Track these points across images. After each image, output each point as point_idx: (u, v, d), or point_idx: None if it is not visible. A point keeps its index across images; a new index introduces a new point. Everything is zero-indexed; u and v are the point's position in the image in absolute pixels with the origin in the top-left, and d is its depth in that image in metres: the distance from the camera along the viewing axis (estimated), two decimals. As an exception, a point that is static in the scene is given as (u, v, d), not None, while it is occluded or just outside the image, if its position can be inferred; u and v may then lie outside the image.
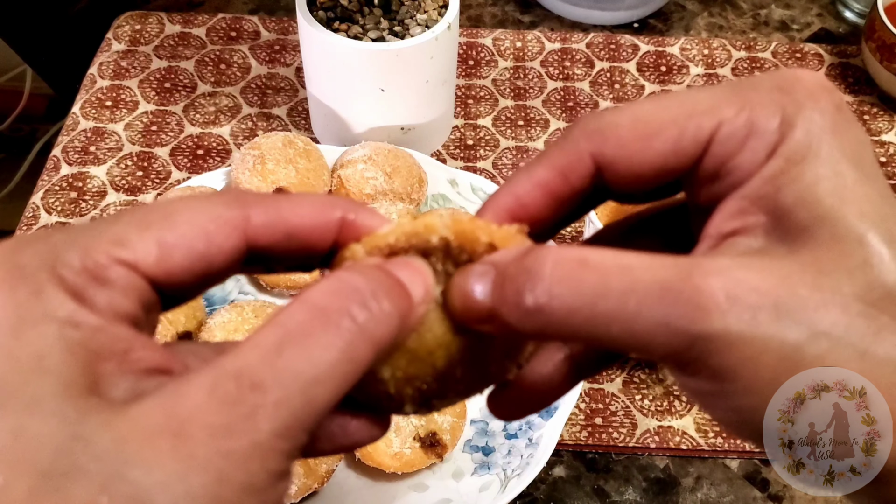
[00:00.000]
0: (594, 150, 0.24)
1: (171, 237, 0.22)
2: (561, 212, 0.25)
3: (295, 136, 0.67)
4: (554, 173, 0.25)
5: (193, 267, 0.22)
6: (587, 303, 0.21)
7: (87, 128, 0.78)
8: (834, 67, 0.87)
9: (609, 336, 0.21)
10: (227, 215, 0.23)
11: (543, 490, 0.59)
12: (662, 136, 0.23)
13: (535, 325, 0.21)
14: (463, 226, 0.24)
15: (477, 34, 0.88)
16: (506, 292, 0.22)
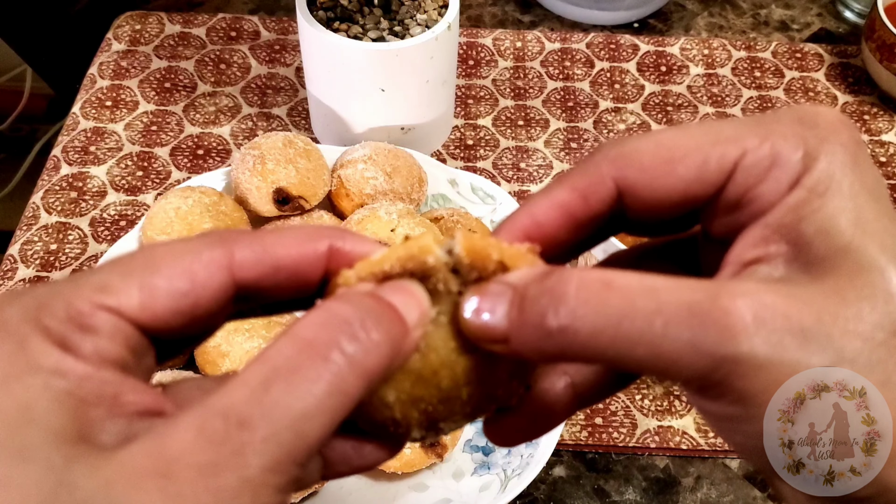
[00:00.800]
0: (617, 174, 0.24)
1: (154, 280, 0.22)
2: (576, 236, 0.25)
3: (295, 136, 0.67)
4: (574, 195, 0.24)
5: (179, 308, 0.22)
6: (612, 324, 0.21)
7: (87, 128, 0.78)
8: (834, 67, 0.87)
9: (633, 358, 0.21)
10: (211, 254, 0.23)
11: (543, 490, 0.59)
12: (686, 162, 0.23)
13: (557, 346, 0.21)
14: (475, 244, 0.23)
15: (477, 34, 0.88)
16: (526, 313, 0.22)
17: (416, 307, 0.23)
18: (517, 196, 0.75)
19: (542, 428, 0.27)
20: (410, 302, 0.23)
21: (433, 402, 0.24)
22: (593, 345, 0.21)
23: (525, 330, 0.22)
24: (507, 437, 0.27)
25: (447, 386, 0.24)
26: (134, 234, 0.64)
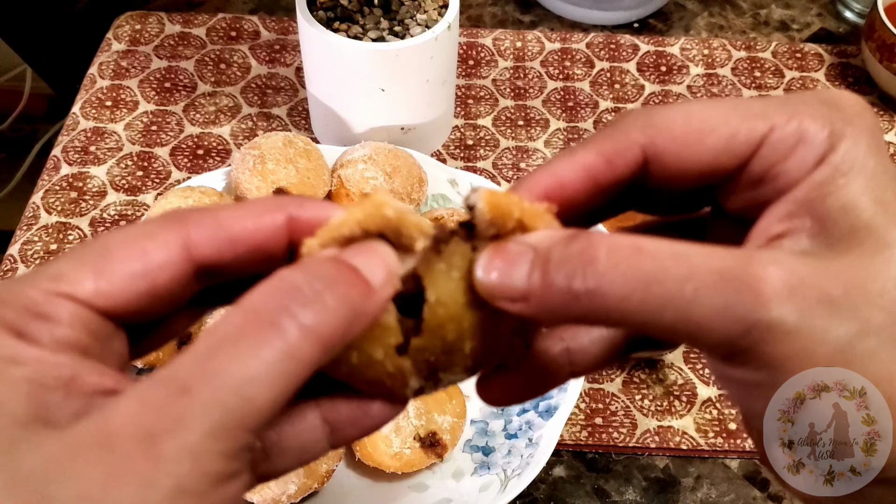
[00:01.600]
0: (646, 141, 0.24)
1: (108, 264, 0.22)
2: (594, 202, 0.25)
3: (295, 136, 0.67)
4: (600, 159, 0.24)
5: (136, 289, 0.23)
6: (641, 288, 0.21)
7: (87, 128, 0.78)
8: (834, 67, 0.87)
9: (661, 322, 0.21)
10: (165, 234, 0.23)
11: (543, 490, 0.59)
12: (716, 134, 0.23)
13: (582, 309, 0.21)
14: (498, 199, 0.23)
15: (477, 34, 0.88)
16: (550, 275, 0.22)
17: (380, 265, 0.23)
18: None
19: (533, 389, 0.27)
20: (372, 261, 0.23)
21: (436, 353, 0.24)
22: (621, 308, 0.21)
23: (549, 291, 0.22)
24: (498, 396, 0.27)
25: (452, 339, 0.24)
26: (134, 234, 0.64)
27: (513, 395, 0.27)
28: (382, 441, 0.55)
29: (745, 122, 0.23)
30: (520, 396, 0.27)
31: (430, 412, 0.55)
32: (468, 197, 0.24)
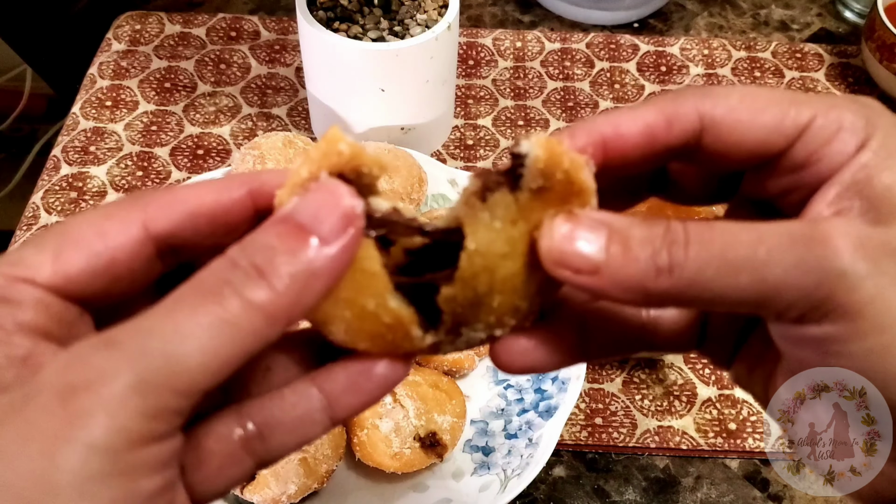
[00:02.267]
0: (705, 110, 0.25)
1: (65, 245, 0.23)
2: (644, 163, 0.25)
3: (295, 136, 0.67)
4: (661, 117, 0.25)
5: (95, 268, 0.23)
6: (716, 255, 0.22)
7: (87, 128, 0.78)
8: (834, 67, 0.87)
9: (737, 287, 0.22)
10: (122, 213, 0.23)
11: (543, 490, 0.59)
12: (769, 112, 0.24)
13: (659, 286, 0.22)
14: (553, 147, 0.23)
15: (477, 34, 0.88)
16: (634, 251, 0.23)
17: (332, 213, 0.22)
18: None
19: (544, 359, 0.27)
20: (322, 211, 0.22)
21: (465, 305, 0.24)
22: (700, 280, 0.22)
23: (629, 265, 0.23)
24: (512, 359, 0.26)
25: (483, 290, 0.24)
26: (134, 234, 0.64)
27: (524, 360, 0.27)
28: (382, 441, 0.55)
29: (792, 106, 0.24)
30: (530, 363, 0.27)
31: (430, 412, 0.55)
32: (518, 143, 0.24)
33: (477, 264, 0.24)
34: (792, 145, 0.24)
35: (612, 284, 0.23)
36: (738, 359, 0.30)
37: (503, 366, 0.27)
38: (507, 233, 0.24)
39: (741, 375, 0.30)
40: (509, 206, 0.24)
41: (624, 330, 0.28)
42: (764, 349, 0.28)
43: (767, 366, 0.28)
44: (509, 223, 0.24)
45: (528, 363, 0.27)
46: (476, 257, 0.24)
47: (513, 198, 0.24)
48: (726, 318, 0.29)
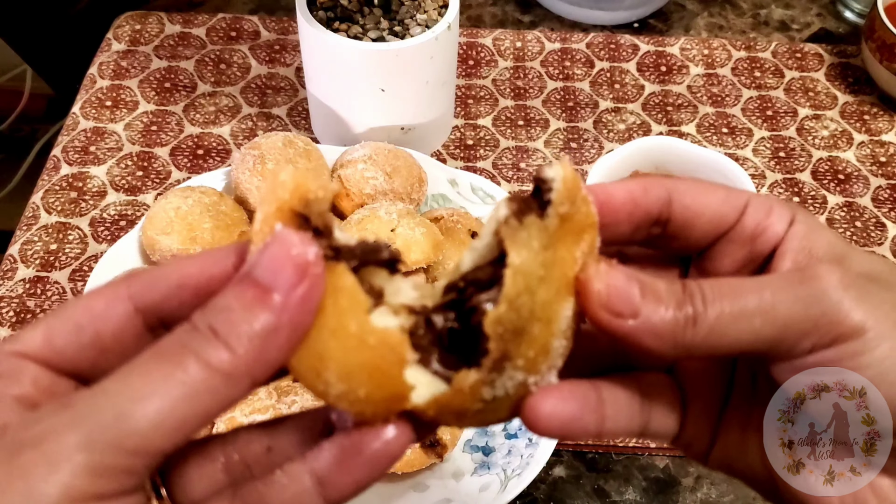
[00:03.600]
0: (670, 185, 0.29)
1: (55, 320, 0.24)
2: (628, 227, 0.29)
3: (295, 136, 0.67)
4: (638, 186, 0.29)
5: (81, 340, 0.24)
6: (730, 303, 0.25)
7: (87, 128, 0.78)
8: (834, 67, 0.87)
9: (752, 329, 0.25)
10: (109, 288, 0.25)
11: (543, 490, 0.59)
12: (718, 191, 0.29)
13: (687, 336, 0.25)
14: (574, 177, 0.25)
15: (477, 34, 0.88)
16: (663, 301, 0.26)
17: (286, 264, 0.22)
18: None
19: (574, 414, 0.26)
20: (277, 262, 0.23)
21: (509, 330, 0.24)
22: (719, 327, 0.25)
23: (662, 315, 0.25)
24: (548, 414, 0.26)
25: (525, 314, 0.24)
26: (134, 234, 0.64)
27: (563, 414, 0.26)
28: (382, 441, 0.54)
29: (731, 190, 0.29)
30: (567, 415, 0.26)
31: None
32: (542, 170, 0.25)
33: (520, 283, 0.24)
34: (739, 219, 0.29)
35: (646, 331, 0.25)
36: (723, 429, 0.30)
37: (541, 424, 0.26)
38: (542, 256, 0.25)
39: (731, 449, 0.30)
40: (542, 231, 0.25)
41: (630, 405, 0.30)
42: (750, 411, 0.30)
43: (759, 426, 0.29)
44: (542, 247, 0.25)
45: (562, 418, 0.26)
46: (519, 276, 0.24)
47: (544, 223, 0.25)
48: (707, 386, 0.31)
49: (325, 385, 0.24)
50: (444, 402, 0.25)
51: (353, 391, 0.24)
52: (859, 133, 0.82)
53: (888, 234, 0.74)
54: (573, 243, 0.25)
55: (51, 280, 0.68)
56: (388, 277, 0.26)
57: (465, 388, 0.24)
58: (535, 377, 0.26)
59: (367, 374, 0.24)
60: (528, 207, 0.25)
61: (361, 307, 0.24)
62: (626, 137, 0.80)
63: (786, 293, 0.25)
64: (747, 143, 0.80)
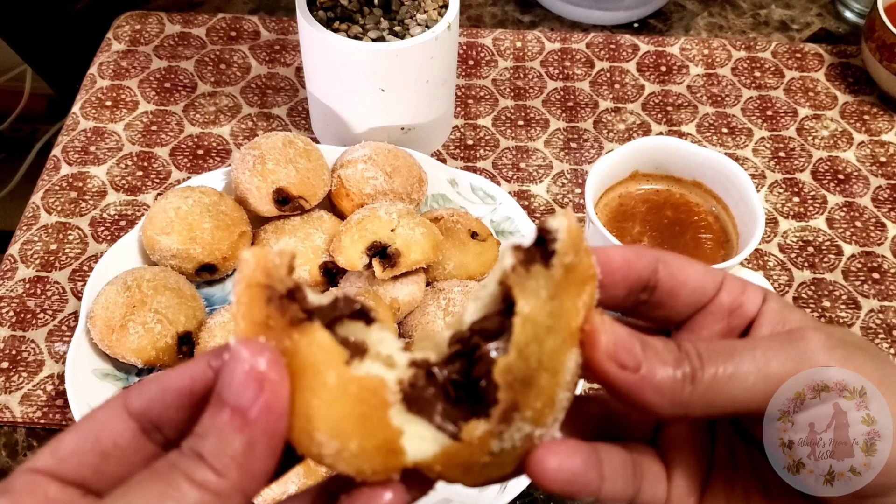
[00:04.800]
0: (658, 255, 0.31)
1: (62, 435, 0.26)
2: (623, 289, 0.30)
3: (295, 136, 0.67)
4: (631, 251, 0.30)
5: (83, 448, 0.26)
6: (724, 362, 0.27)
7: (87, 128, 0.78)
8: (834, 67, 0.87)
9: (746, 386, 0.27)
10: (109, 400, 0.27)
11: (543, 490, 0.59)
12: (697, 266, 0.31)
13: (685, 394, 0.27)
14: (579, 232, 0.26)
15: (477, 34, 0.88)
16: (664, 358, 0.27)
17: (244, 379, 0.24)
18: (517, 196, 0.75)
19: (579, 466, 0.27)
20: (236, 378, 0.24)
21: (518, 379, 0.24)
22: (716, 385, 0.27)
23: (662, 371, 0.27)
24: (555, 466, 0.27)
25: (533, 364, 0.25)
26: (134, 234, 0.64)
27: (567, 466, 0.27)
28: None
29: (708, 268, 0.31)
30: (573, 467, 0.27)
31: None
32: (546, 221, 0.26)
33: (529, 332, 0.24)
34: (717, 293, 0.30)
35: (649, 386, 0.26)
36: (708, 500, 0.31)
37: (548, 478, 0.27)
38: (550, 306, 0.25)
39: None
40: (549, 280, 0.25)
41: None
42: (733, 480, 0.31)
43: (743, 495, 0.30)
44: (549, 297, 0.25)
45: (568, 473, 0.27)
46: (529, 324, 0.24)
47: (549, 273, 0.25)
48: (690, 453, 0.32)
49: (318, 447, 0.24)
50: (451, 455, 0.25)
51: (346, 446, 0.24)
52: (859, 133, 0.82)
53: (888, 234, 0.74)
54: (576, 294, 0.26)
55: (51, 280, 0.68)
56: (366, 329, 0.27)
57: (474, 439, 0.24)
58: (541, 430, 0.26)
59: (353, 424, 0.24)
60: (534, 257, 0.25)
61: (339, 359, 0.24)
62: (626, 137, 0.80)
63: (776, 352, 0.27)
64: (747, 143, 0.80)
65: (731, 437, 0.31)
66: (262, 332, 0.25)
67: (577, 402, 0.30)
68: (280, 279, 0.25)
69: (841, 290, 0.70)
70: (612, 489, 0.28)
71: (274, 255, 0.25)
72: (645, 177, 0.65)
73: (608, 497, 0.28)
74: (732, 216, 0.63)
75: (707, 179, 0.64)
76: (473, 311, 0.26)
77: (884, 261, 0.72)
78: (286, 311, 0.24)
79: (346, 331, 0.26)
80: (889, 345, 0.67)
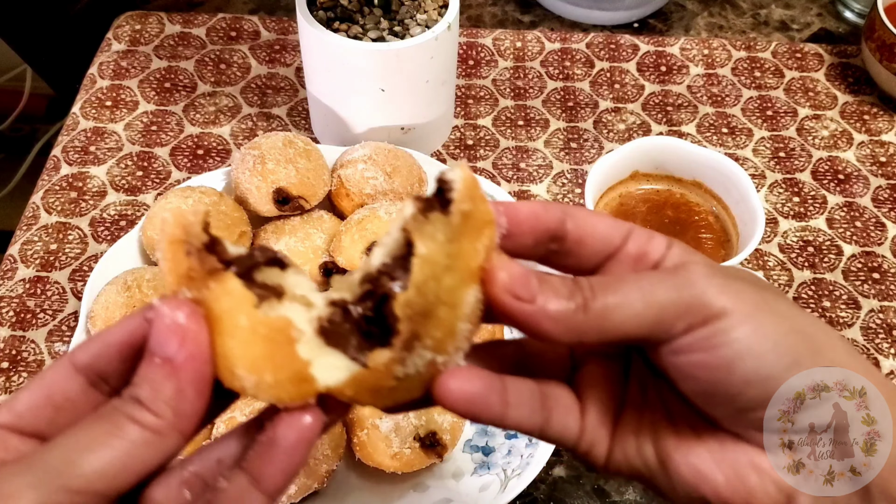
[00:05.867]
0: (565, 209, 0.32)
1: (17, 393, 0.29)
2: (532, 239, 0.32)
3: (295, 136, 0.67)
4: (538, 205, 0.32)
5: (36, 402, 0.28)
6: (614, 292, 0.29)
7: (87, 128, 0.78)
8: (834, 67, 0.87)
9: (635, 312, 0.28)
10: (56, 360, 0.29)
11: (543, 490, 0.59)
12: (604, 217, 0.33)
13: (583, 317, 0.28)
14: (472, 178, 0.28)
15: (477, 34, 0.88)
16: (557, 290, 0.29)
17: (167, 332, 0.27)
18: (517, 196, 0.75)
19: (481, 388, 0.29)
20: (160, 332, 0.27)
21: (418, 312, 0.27)
22: (606, 313, 0.28)
23: (557, 302, 0.28)
24: (458, 387, 0.29)
25: (432, 300, 0.27)
26: (134, 234, 0.64)
27: (469, 386, 0.29)
28: (382, 441, 0.55)
29: (617, 220, 0.32)
30: (475, 388, 0.29)
31: (429, 412, 0.55)
32: (444, 173, 0.28)
33: (427, 271, 0.27)
34: (624, 243, 0.32)
35: (544, 315, 0.28)
36: (619, 433, 0.32)
37: (450, 399, 0.29)
38: (446, 248, 0.27)
39: (628, 451, 0.32)
40: (446, 226, 0.27)
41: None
42: (641, 415, 0.32)
43: (651, 425, 0.32)
44: (447, 241, 0.27)
45: (469, 394, 0.29)
46: (426, 264, 0.27)
47: (448, 220, 0.28)
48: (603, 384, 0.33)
49: (240, 381, 0.27)
50: (359, 380, 0.28)
51: (262, 379, 0.27)
52: (859, 133, 0.82)
53: (888, 234, 0.74)
54: (475, 238, 0.28)
55: (51, 280, 0.68)
56: (282, 274, 0.30)
57: (379, 365, 0.27)
58: (443, 357, 0.28)
59: (265, 359, 0.27)
60: (432, 206, 0.28)
61: (248, 304, 0.27)
62: (626, 137, 0.80)
63: (661, 282, 0.29)
64: (747, 143, 0.80)
65: (643, 375, 0.33)
66: (185, 283, 0.27)
67: (493, 345, 0.34)
68: (196, 234, 0.28)
69: (841, 290, 0.70)
70: (518, 415, 0.30)
71: (189, 213, 0.28)
72: (645, 177, 0.65)
73: (515, 423, 0.30)
74: (733, 216, 0.63)
75: (707, 179, 0.64)
76: (380, 256, 0.29)
77: (884, 261, 0.72)
78: (204, 262, 0.28)
79: (264, 277, 0.29)
80: (889, 345, 0.67)
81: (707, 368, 0.28)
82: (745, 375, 0.28)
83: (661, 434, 0.32)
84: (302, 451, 0.28)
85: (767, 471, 0.30)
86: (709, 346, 0.28)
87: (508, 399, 0.30)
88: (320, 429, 0.28)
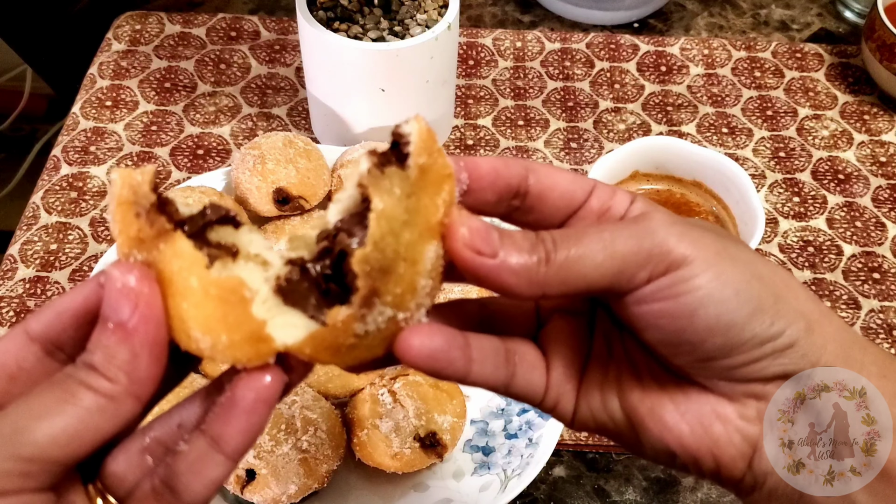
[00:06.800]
0: (527, 164, 0.31)
1: None
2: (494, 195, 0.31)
3: (295, 136, 0.67)
4: (499, 160, 0.31)
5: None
6: (576, 244, 0.28)
7: (87, 128, 0.78)
8: (834, 67, 0.87)
9: (596, 263, 0.28)
10: (10, 330, 0.29)
11: (544, 490, 0.59)
12: (567, 172, 0.32)
13: (541, 272, 0.28)
14: (428, 131, 0.28)
15: (477, 34, 0.89)
16: (519, 244, 0.28)
17: (118, 295, 0.27)
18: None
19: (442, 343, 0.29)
20: (112, 296, 0.27)
21: (376, 268, 0.26)
22: (568, 265, 0.28)
23: (518, 256, 0.28)
24: (419, 342, 0.28)
25: (390, 255, 0.26)
26: (134, 234, 0.64)
27: (430, 343, 0.28)
28: (382, 441, 0.55)
29: (580, 175, 0.32)
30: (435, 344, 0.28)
31: (430, 412, 0.55)
32: (399, 126, 0.28)
33: (384, 226, 0.26)
34: (588, 199, 0.31)
35: (505, 269, 0.28)
36: (585, 388, 0.32)
37: (411, 354, 0.28)
38: (404, 203, 0.27)
39: (594, 406, 0.32)
40: (404, 180, 0.27)
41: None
42: (606, 370, 0.32)
43: (616, 380, 0.32)
44: (405, 195, 0.27)
45: (430, 350, 0.28)
46: (383, 219, 0.26)
47: (405, 174, 0.27)
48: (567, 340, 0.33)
49: (196, 343, 0.27)
50: (318, 338, 0.27)
51: (217, 340, 0.26)
52: (859, 133, 0.82)
53: (888, 234, 0.74)
54: (434, 193, 0.27)
55: (51, 280, 0.68)
56: (235, 232, 0.29)
57: (337, 323, 0.26)
58: (404, 314, 0.27)
59: (219, 320, 0.26)
60: (389, 160, 0.27)
61: (199, 264, 0.27)
62: (626, 137, 0.80)
63: (622, 232, 0.29)
64: (747, 143, 0.80)
65: (609, 330, 0.33)
66: (136, 245, 0.27)
67: (457, 304, 0.33)
68: (144, 195, 0.27)
69: (841, 290, 0.70)
70: (482, 372, 0.30)
71: (137, 173, 0.27)
72: (645, 177, 0.65)
73: (479, 379, 0.30)
74: (733, 216, 0.63)
75: (707, 179, 0.64)
76: (336, 213, 0.28)
77: (884, 261, 0.72)
78: (154, 223, 0.27)
79: (218, 236, 0.29)
80: (889, 345, 0.67)
81: (670, 317, 0.28)
82: (708, 322, 0.28)
83: (626, 387, 0.32)
84: (261, 411, 0.27)
85: (732, 420, 0.30)
86: (671, 294, 0.28)
87: (472, 355, 0.30)
88: (280, 388, 0.27)
